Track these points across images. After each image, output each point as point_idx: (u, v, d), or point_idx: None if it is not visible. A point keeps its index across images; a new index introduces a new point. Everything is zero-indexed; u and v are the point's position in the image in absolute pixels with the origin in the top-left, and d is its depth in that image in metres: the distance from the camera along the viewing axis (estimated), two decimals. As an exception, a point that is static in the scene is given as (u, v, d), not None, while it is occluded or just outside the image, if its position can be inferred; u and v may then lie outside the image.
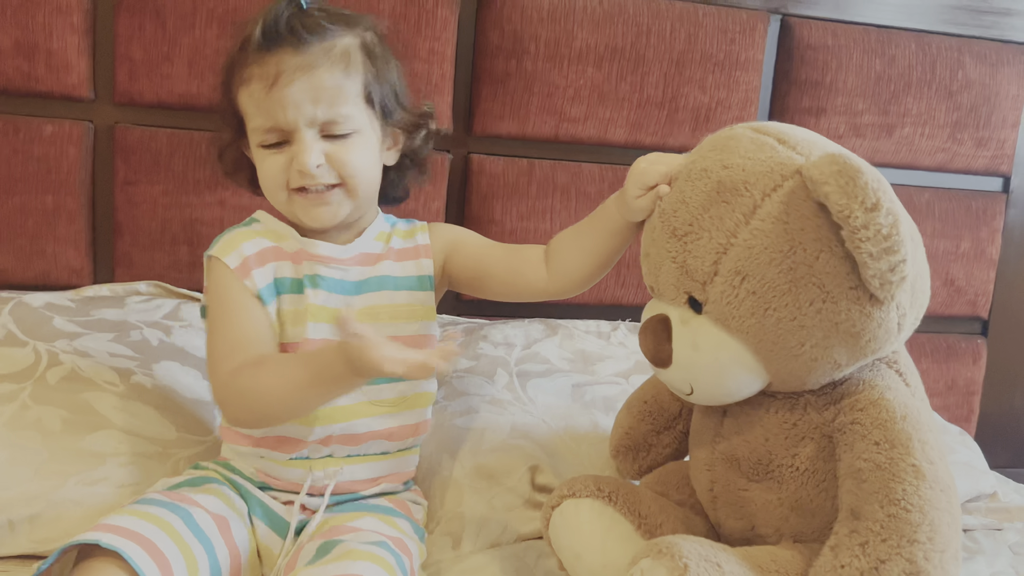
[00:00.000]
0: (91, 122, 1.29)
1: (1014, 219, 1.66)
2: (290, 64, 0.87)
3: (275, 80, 0.87)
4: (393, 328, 0.96)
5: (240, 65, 0.90)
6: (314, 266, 0.94)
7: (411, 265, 0.99)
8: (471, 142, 1.43)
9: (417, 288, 0.98)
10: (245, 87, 0.89)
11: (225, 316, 0.91)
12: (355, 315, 0.82)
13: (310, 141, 0.88)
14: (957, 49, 1.55)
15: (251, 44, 0.88)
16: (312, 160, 0.88)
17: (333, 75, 0.89)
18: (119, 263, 1.32)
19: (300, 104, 0.87)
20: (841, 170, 0.71)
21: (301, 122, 0.88)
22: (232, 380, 0.86)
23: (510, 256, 1.01)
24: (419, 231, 1.01)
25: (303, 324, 0.92)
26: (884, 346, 0.80)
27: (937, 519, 0.72)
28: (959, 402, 1.66)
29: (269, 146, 0.90)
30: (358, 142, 0.91)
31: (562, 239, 0.98)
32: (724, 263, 0.78)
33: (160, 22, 1.26)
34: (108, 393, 1.05)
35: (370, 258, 0.97)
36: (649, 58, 1.42)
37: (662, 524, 0.90)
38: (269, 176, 0.91)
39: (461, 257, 1.01)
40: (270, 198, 0.94)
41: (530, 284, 0.99)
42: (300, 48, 0.87)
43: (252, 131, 0.91)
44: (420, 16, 1.33)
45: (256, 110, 0.89)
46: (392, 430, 0.96)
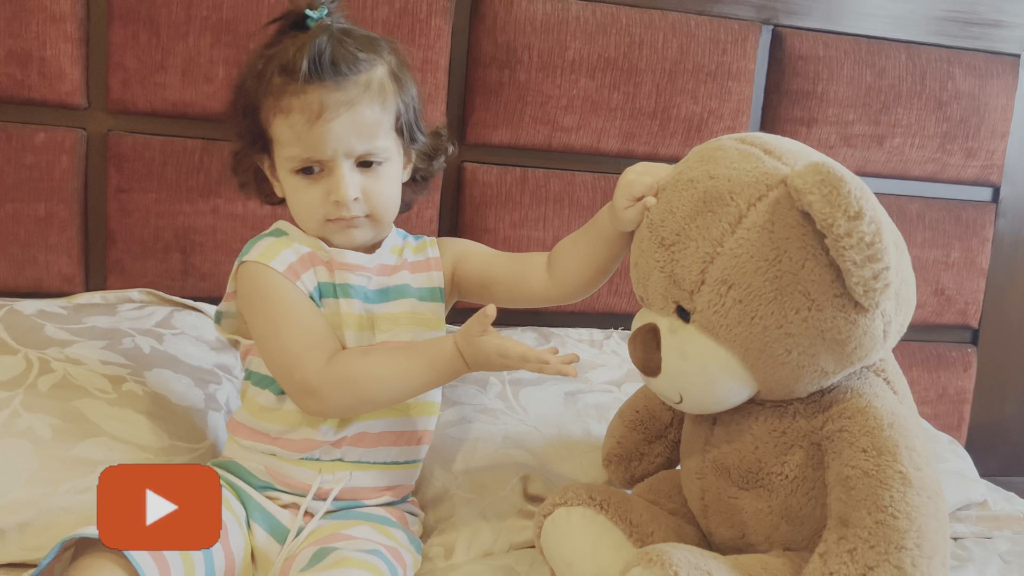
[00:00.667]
0: (84, 130, 1.29)
1: (1003, 229, 1.67)
2: (333, 100, 0.89)
3: (319, 115, 0.89)
4: (410, 334, 0.98)
5: (277, 93, 0.91)
6: (345, 275, 0.96)
7: (424, 277, 1.01)
8: (465, 151, 1.43)
9: (429, 299, 1.01)
10: (284, 117, 0.90)
11: (291, 314, 0.92)
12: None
13: (348, 174, 0.91)
14: (947, 60, 1.57)
15: (292, 74, 0.89)
16: (351, 194, 0.91)
17: (373, 110, 0.92)
18: (111, 271, 1.32)
19: (342, 139, 0.90)
20: (824, 179, 0.72)
21: (340, 154, 0.91)
22: (333, 368, 0.89)
23: (514, 264, 1.03)
24: (429, 245, 1.04)
25: (340, 331, 0.94)
26: (870, 354, 0.80)
27: (925, 525, 0.73)
28: (949, 411, 1.67)
29: (299, 172, 0.92)
30: (388, 171, 0.95)
31: (562, 247, 1.01)
32: (711, 272, 0.79)
33: (154, 31, 1.26)
34: (100, 401, 1.05)
35: (387, 268, 1.00)
36: (642, 68, 1.43)
37: (653, 532, 0.90)
38: (305, 207, 0.94)
39: (468, 267, 1.04)
40: (302, 223, 0.96)
41: (534, 291, 1.01)
42: (341, 83, 0.90)
43: (285, 158, 0.93)
44: (414, 26, 1.34)
45: (295, 140, 0.91)
46: (399, 434, 0.97)
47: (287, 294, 0.92)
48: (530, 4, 1.38)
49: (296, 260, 0.94)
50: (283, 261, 0.93)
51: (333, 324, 0.94)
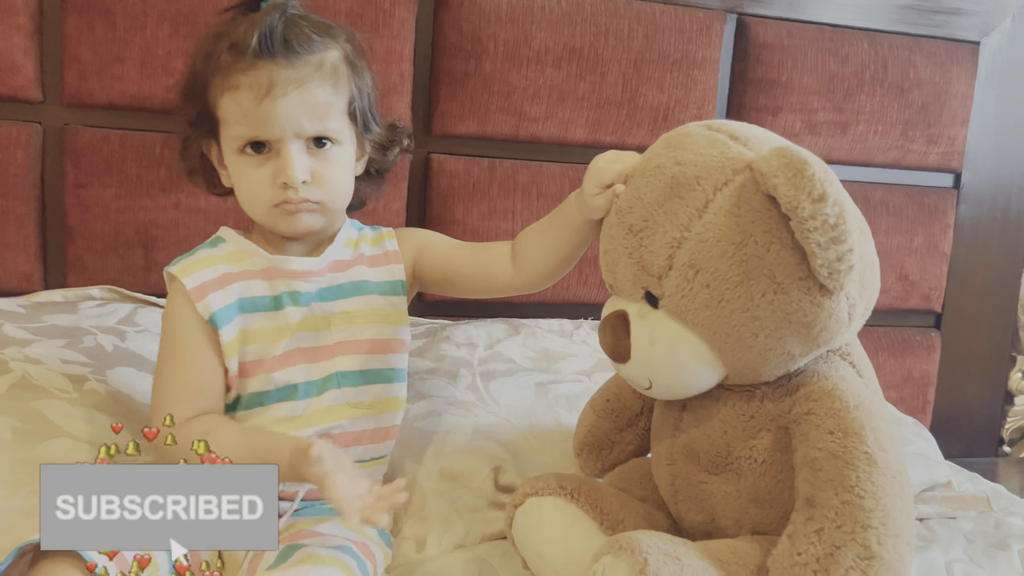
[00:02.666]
0: (39, 124, 1.26)
1: (965, 214, 1.70)
2: (283, 77, 0.86)
3: (268, 91, 0.86)
4: (370, 332, 0.96)
5: (226, 70, 0.88)
6: (290, 282, 0.93)
7: (383, 271, 0.99)
8: (431, 142, 1.42)
9: (390, 293, 0.99)
10: (232, 93, 0.87)
11: (178, 355, 0.91)
12: (327, 449, 0.81)
13: (297, 154, 0.88)
14: (908, 48, 1.58)
15: (242, 50, 0.87)
16: (299, 175, 0.88)
17: (324, 90, 0.89)
18: (71, 268, 1.29)
19: (291, 117, 0.87)
20: (789, 163, 0.72)
21: (289, 135, 0.88)
22: (186, 429, 0.88)
23: (477, 255, 1.02)
24: (387, 237, 1.02)
25: (278, 341, 0.92)
26: (836, 336, 0.81)
27: (890, 505, 0.74)
28: (914, 394, 1.70)
29: (246, 150, 0.89)
30: (340, 156, 0.92)
31: (527, 236, 1.00)
32: (678, 257, 0.79)
33: (110, 22, 1.23)
34: (60, 400, 1.03)
35: (342, 264, 0.97)
36: (607, 58, 1.43)
37: (624, 520, 0.90)
38: (251, 189, 0.90)
39: (430, 259, 1.02)
40: (247, 208, 0.93)
41: (498, 281, 1.00)
42: (293, 61, 0.87)
43: (232, 138, 0.89)
44: (377, 16, 1.33)
45: (241, 118, 0.88)
46: (366, 432, 0.96)
47: (182, 331, 0.91)
48: (495, -7, 1.38)
49: (215, 278, 0.91)
50: (197, 279, 0.91)
51: (270, 336, 0.92)
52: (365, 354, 0.96)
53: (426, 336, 1.32)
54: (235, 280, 0.92)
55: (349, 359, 0.95)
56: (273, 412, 0.93)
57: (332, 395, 0.94)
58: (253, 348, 0.92)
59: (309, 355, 0.94)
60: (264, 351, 0.92)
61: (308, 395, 0.93)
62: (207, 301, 0.90)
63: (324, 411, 0.94)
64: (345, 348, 0.95)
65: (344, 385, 0.95)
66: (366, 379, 0.96)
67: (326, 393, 0.94)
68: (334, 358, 0.95)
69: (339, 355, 0.95)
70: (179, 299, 0.91)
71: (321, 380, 0.94)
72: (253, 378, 0.92)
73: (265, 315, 0.93)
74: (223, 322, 0.91)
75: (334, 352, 0.95)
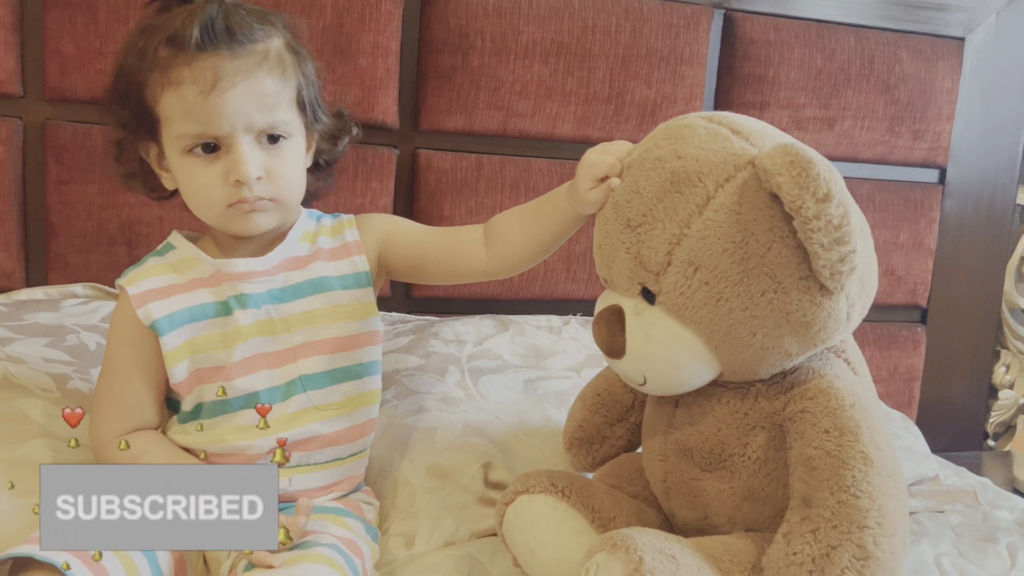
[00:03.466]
0: (20, 119, 1.24)
1: (950, 209, 1.71)
2: (228, 68, 0.83)
3: (214, 84, 0.82)
4: (333, 330, 0.94)
5: (164, 65, 0.84)
6: (236, 285, 0.91)
7: (345, 264, 0.97)
8: (418, 137, 1.41)
9: (354, 286, 0.96)
10: (174, 89, 0.84)
11: (116, 366, 0.91)
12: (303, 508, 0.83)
13: (249, 150, 0.85)
14: (894, 44, 1.59)
15: (181, 43, 0.83)
16: (253, 171, 0.85)
17: (272, 80, 0.86)
18: (53, 265, 1.27)
19: (240, 111, 0.84)
20: (794, 161, 0.71)
21: (239, 129, 0.84)
22: (107, 447, 0.90)
23: (448, 240, 0.99)
24: (347, 227, 0.99)
25: (231, 347, 0.90)
26: (833, 336, 0.81)
27: (886, 504, 0.74)
28: (900, 388, 1.71)
29: (195, 150, 0.86)
30: (291, 149, 0.89)
31: (506, 221, 0.97)
32: (677, 253, 0.78)
33: (92, 16, 1.22)
34: (43, 400, 1.02)
35: (298, 261, 0.95)
36: (595, 53, 1.43)
37: (616, 517, 0.90)
38: (201, 191, 0.87)
39: (397, 247, 0.99)
40: (197, 210, 0.90)
41: (470, 266, 0.98)
42: (237, 51, 0.84)
43: (176, 137, 0.86)
44: (364, 10, 1.31)
45: (186, 115, 0.84)
46: (340, 433, 0.95)
47: (123, 343, 0.91)
48: (482, -12, 1.37)
49: (159, 287, 0.90)
50: (140, 287, 0.90)
51: (223, 342, 0.90)
52: (330, 354, 0.94)
53: (414, 332, 1.31)
54: (180, 291, 0.91)
55: (312, 360, 0.93)
56: (238, 420, 0.91)
57: (298, 400, 0.92)
58: (205, 355, 0.91)
59: (270, 360, 0.92)
60: (219, 358, 0.90)
61: (272, 401, 0.92)
62: (148, 308, 0.89)
63: (290, 417, 0.92)
64: (308, 349, 0.93)
65: (309, 388, 0.93)
66: (333, 379, 0.94)
67: (292, 398, 0.92)
68: (296, 361, 0.93)
69: (301, 357, 0.93)
70: (123, 308, 0.91)
71: (285, 385, 0.92)
72: (212, 385, 0.91)
73: (213, 322, 0.91)
74: (165, 330, 0.89)
75: (296, 355, 0.93)
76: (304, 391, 0.93)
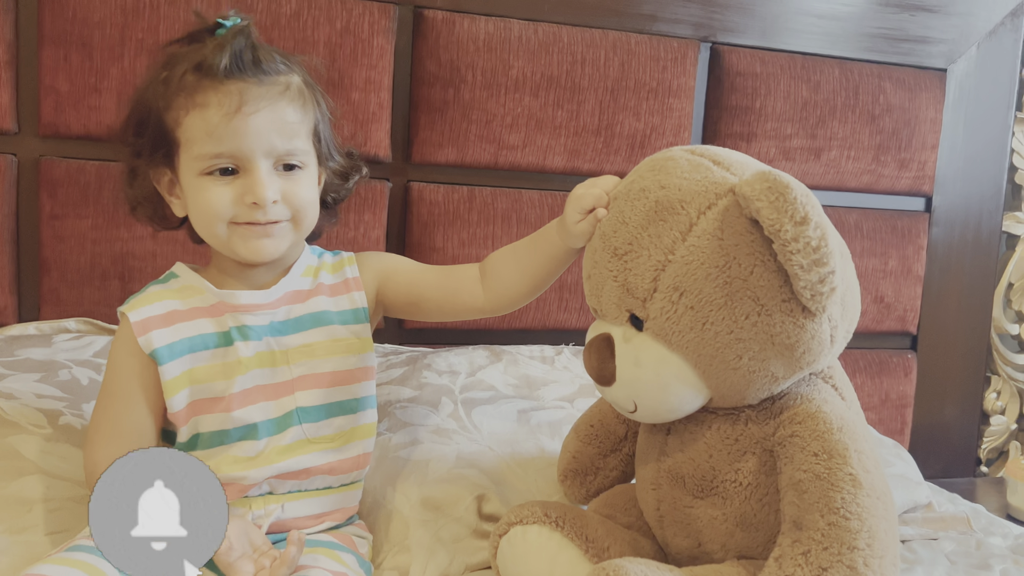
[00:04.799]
0: (15, 156, 1.25)
1: (937, 237, 1.73)
2: (253, 94, 0.86)
3: (238, 108, 0.85)
4: (331, 364, 0.95)
5: (191, 89, 0.86)
6: (238, 317, 0.92)
7: (344, 299, 0.98)
8: (410, 170, 1.43)
9: (353, 321, 0.97)
10: (199, 111, 0.86)
11: (114, 392, 0.91)
12: (235, 535, 0.83)
13: (267, 174, 0.87)
14: (878, 75, 1.62)
15: (210, 70, 0.86)
16: (270, 194, 0.87)
17: (294, 109, 0.89)
18: (46, 300, 1.27)
19: (261, 134, 0.86)
20: (771, 186, 0.73)
21: (259, 153, 0.87)
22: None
23: (444, 278, 1.01)
24: (347, 264, 1.00)
25: (231, 378, 0.91)
26: (819, 358, 0.82)
27: (875, 526, 0.74)
28: (892, 415, 1.71)
29: (212, 173, 0.87)
30: (306, 178, 0.91)
31: (500, 259, 0.99)
32: (663, 279, 0.79)
33: (87, 53, 1.23)
34: (35, 436, 1.01)
35: (300, 295, 0.96)
36: (584, 86, 1.45)
37: (609, 547, 0.90)
38: (212, 207, 0.88)
39: (395, 285, 1.01)
40: (205, 230, 0.91)
41: (466, 304, 1.00)
42: (262, 79, 0.87)
43: (195, 157, 0.87)
44: (356, 45, 1.33)
45: (207, 136, 0.86)
46: (333, 464, 0.95)
47: (122, 370, 0.91)
48: (472, 23, 1.39)
49: (161, 315, 0.91)
50: (142, 313, 0.90)
51: (223, 372, 0.91)
52: (326, 387, 0.95)
53: (407, 364, 1.31)
54: (182, 319, 0.91)
55: (309, 394, 0.94)
56: (234, 451, 0.91)
57: (293, 432, 0.93)
58: (204, 387, 0.91)
59: (268, 392, 0.92)
60: (218, 389, 0.91)
61: (269, 433, 0.92)
62: (149, 337, 0.89)
63: (283, 449, 0.92)
64: (305, 382, 0.94)
65: (305, 421, 0.93)
66: (328, 412, 0.95)
67: (287, 430, 0.93)
68: (294, 393, 0.93)
69: (299, 390, 0.93)
70: (124, 335, 0.91)
71: (281, 417, 0.93)
72: (209, 416, 0.91)
73: (214, 352, 0.91)
74: (165, 359, 0.89)
75: (294, 387, 0.93)
76: (299, 423, 0.93)
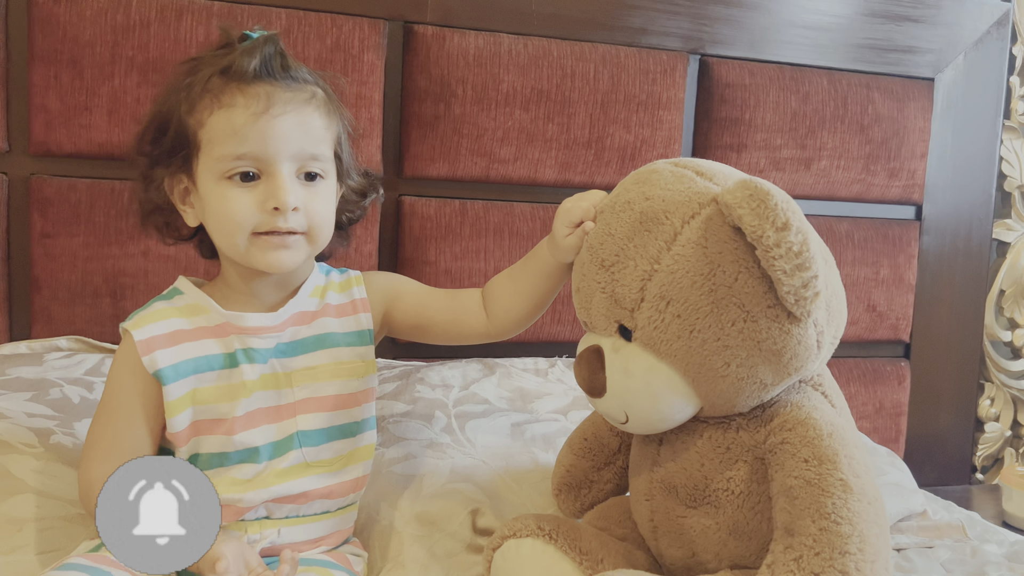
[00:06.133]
0: (5, 175, 1.25)
1: (928, 245, 1.73)
2: (281, 97, 0.86)
3: (265, 109, 0.85)
4: (334, 387, 0.94)
5: (218, 91, 0.86)
6: (244, 339, 0.91)
7: (351, 321, 0.97)
8: (402, 184, 1.43)
9: (358, 343, 0.97)
10: (224, 111, 0.85)
11: (114, 410, 0.90)
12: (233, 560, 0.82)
13: (289, 179, 0.86)
14: (866, 85, 1.63)
15: (238, 73, 0.86)
16: (292, 199, 0.86)
17: (320, 116, 0.89)
18: (37, 319, 1.27)
19: (287, 137, 0.86)
20: (752, 194, 0.74)
21: (283, 156, 0.86)
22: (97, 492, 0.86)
23: (450, 303, 1.01)
24: (354, 284, 0.99)
25: (235, 400, 0.90)
26: (806, 364, 0.82)
27: (866, 530, 0.74)
28: (887, 424, 1.71)
29: (232, 178, 0.86)
30: (326, 190, 0.91)
31: (498, 283, 0.99)
32: (649, 289, 0.80)
33: (77, 72, 1.23)
34: (26, 455, 1.00)
35: (306, 316, 0.95)
36: (575, 100, 1.46)
37: (603, 560, 0.90)
38: (234, 215, 0.86)
39: (403, 306, 1.00)
40: (224, 239, 0.89)
41: (472, 329, 1.00)
42: (290, 85, 0.87)
43: (216, 159, 0.86)
44: (347, 61, 1.34)
45: (232, 135, 0.85)
46: (332, 488, 0.94)
47: (124, 388, 0.89)
48: (462, 38, 1.40)
49: (165, 334, 0.89)
50: (146, 332, 0.89)
51: (228, 394, 0.90)
52: (328, 411, 0.94)
53: (400, 378, 1.31)
54: (187, 339, 0.90)
55: (311, 417, 0.93)
56: (233, 473, 0.90)
57: (292, 455, 0.92)
58: (207, 407, 0.90)
59: (271, 415, 0.92)
60: (221, 411, 0.90)
61: (269, 456, 0.92)
62: (154, 356, 0.88)
63: (281, 472, 0.92)
64: (308, 406, 0.93)
65: (305, 445, 0.93)
66: (328, 436, 0.94)
67: (287, 454, 0.92)
68: (295, 417, 0.93)
69: (300, 413, 0.93)
70: (127, 352, 0.90)
71: (281, 441, 0.92)
72: (210, 437, 0.90)
73: (218, 374, 0.90)
74: (169, 379, 0.89)
75: (296, 410, 0.93)
76: (300, 447, 0.93)
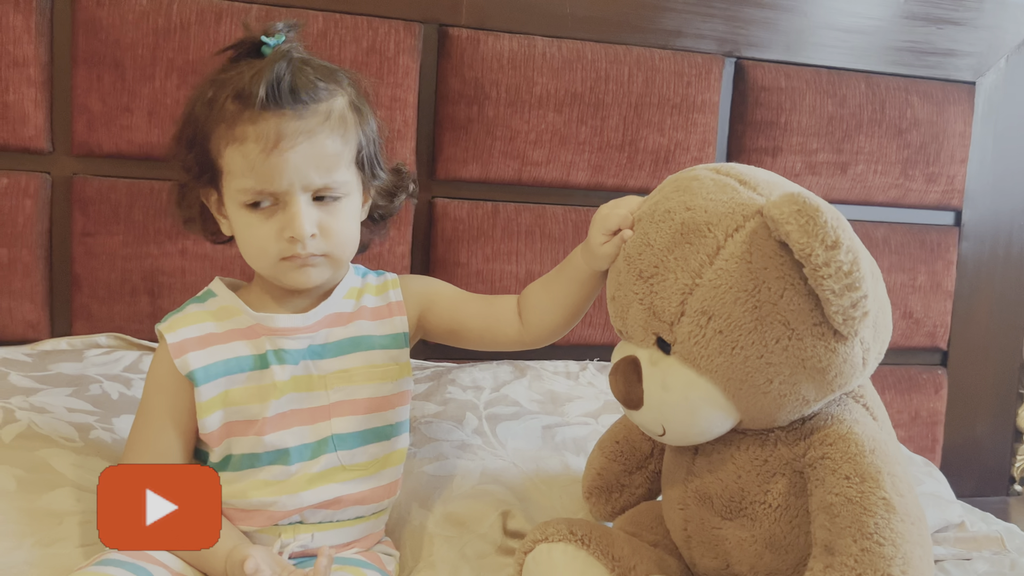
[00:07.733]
0: (48, 174, 1.27)
1: (967, 251, 1.70)
2: (291, 129, 0.85)
3: (276, 144, 0.84)
4: (368, 390, 0.94)
5: (231, 120, 0.86)
6: (275, 340, 0.92)
7: (386, 324, 0.97)
8: (435, 186, 1.44)
9: (392, 346, 0.97)
10: (237, 146, 0.86)
11: (151, 412, 0.92)
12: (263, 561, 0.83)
13: (305, 208, 0.87)
14: (904, 89, 1.61)
15: (247, 100, 0.85)
16: (308, 229, 0.86)
17: (333, 141, 0.88)
18: (77, 316, 1.29)
19: (299, 170, 0.85)
20: (801, 209, 0.72)
21: (296, 187, 0.86)
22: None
23: (485, 309, 1.00)
24: (391, 287, 0.99)
25: (266, 401, 0.91)
26: (850, 381, 0.81)
27: (909, 552, 0.73)
28: (923, 433, 1.68)
29: (252, 206, 0.87)
30: (347, 207, 0.91)
31: (533, 291, 0.99)
32: (690, 303, 0.79)
33: (119, 73, 1.25)
34: (66, 450, 1.02)
35: (341, 318, 0.95)
36: (608, 102, 1.45)
37: (636, 566, 0.89)
38: (257, 243, 0.88)
39: (438, 310, 1.00)
40: (252, 261, 0.91)
41: (507, 335, 0.99)
42: (300, 111, 0.85)
43: (236, 191, 0.88)
44: (382, 64, 1.35)
45: (247, 171, 0.86)
46: (365, 494, 0.95)
47: (160, 391, 0.91)
48: (496, 41, 1.40)
49: (198, 336, 0.91)
50: (179, 335, 0.90)
51: (258, 396, 0.90)
52: (363, 414, 0.94)
53: (432, 379, 1.32)
54: (218, 341, 0.91)
55: (346, 420, 0.93)
56: (263, 475, 0.91)
57: (326, 459, 0.92)
58: (238, 409, 0.91)
59: (304, 417, 0.92)
60: (252, 412, 0.91)
61: (301, 459, 0.92)
62: (186, 359, 0.89)
63: (315, 476, 0.92)
64: (342, 408, 0.93)
65: (340, 448, 0.93)
66: (363, 439, 0.94)
67: (321, 457, 0.92)
68: (330, 419, 0.93)
69: (336, 416, 0.93)
70: (162, 355, 0.91)
71: (316, 443, 0.92)
72: (242, 438, 0.91)
73: (249, 375, 0.91)
74: (202, 381, 0.89)
75: (331, 413, 0.93)
76: (335, 450, 0.93)
